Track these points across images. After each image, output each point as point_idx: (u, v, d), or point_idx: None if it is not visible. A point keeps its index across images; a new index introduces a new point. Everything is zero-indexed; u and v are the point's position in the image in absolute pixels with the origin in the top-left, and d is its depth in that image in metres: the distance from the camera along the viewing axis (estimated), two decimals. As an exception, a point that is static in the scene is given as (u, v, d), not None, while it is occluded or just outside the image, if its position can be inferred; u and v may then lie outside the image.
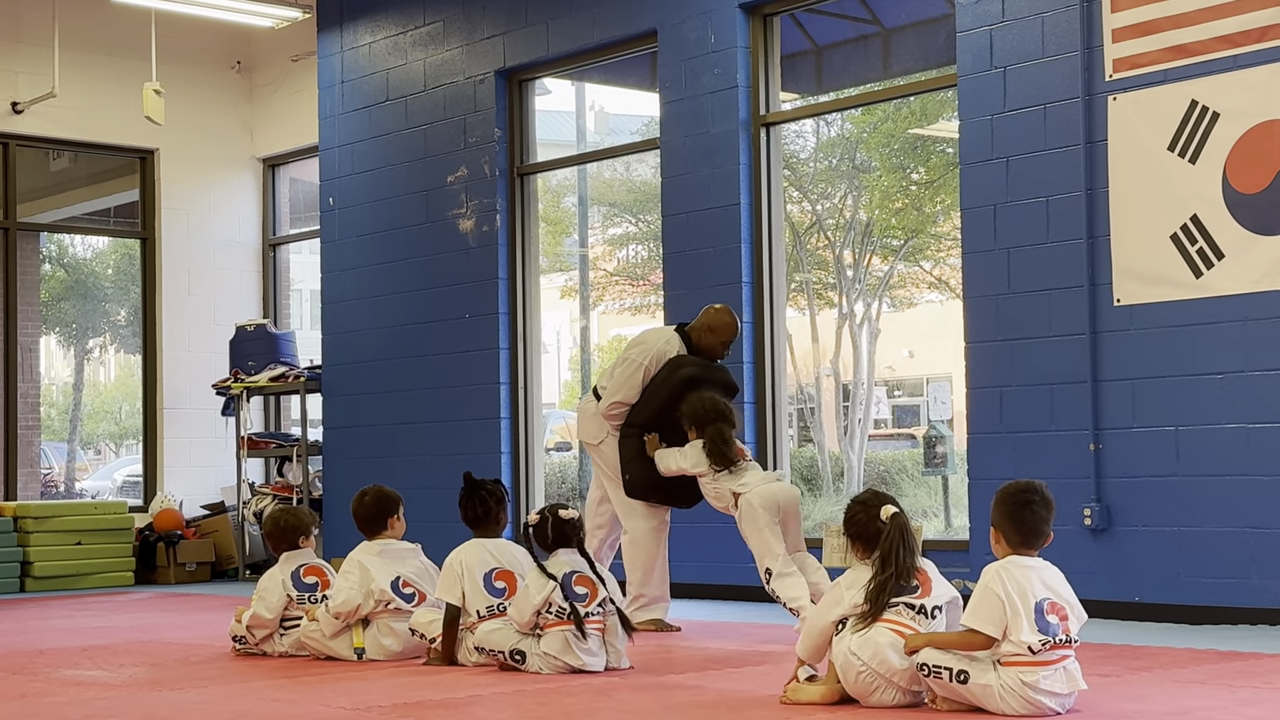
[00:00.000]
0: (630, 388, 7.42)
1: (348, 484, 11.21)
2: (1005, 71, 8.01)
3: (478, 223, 10.66)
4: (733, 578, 9.09)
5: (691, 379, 7.32)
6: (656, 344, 7.48)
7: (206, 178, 13.16)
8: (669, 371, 7.37)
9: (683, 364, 7.40)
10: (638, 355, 7.45)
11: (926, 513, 10.48)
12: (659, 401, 7.34)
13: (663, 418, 7.30)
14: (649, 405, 7.38)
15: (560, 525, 5.95)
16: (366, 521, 6.64)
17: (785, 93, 9.49)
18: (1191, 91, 7.33)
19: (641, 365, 7.42)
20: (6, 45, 12.16)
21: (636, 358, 7.45)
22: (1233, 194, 7.20)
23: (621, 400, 7.44)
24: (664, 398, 7.32)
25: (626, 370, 7.45)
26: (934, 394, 11.26)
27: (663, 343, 7.49)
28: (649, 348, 7.47)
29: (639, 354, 7.46)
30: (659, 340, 7.52)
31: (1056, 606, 4.63)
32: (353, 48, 11.61)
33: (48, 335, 15.08)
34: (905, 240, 11.03)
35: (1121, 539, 7.54)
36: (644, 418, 7.38)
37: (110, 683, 5.98)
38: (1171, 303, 7.39)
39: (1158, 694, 5.07)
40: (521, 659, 5.84)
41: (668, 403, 7.29)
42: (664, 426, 7.31)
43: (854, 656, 4.77)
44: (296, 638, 6.58)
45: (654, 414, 7.35)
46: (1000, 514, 4.76)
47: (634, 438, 7.39)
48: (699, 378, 7.34)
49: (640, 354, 7.45)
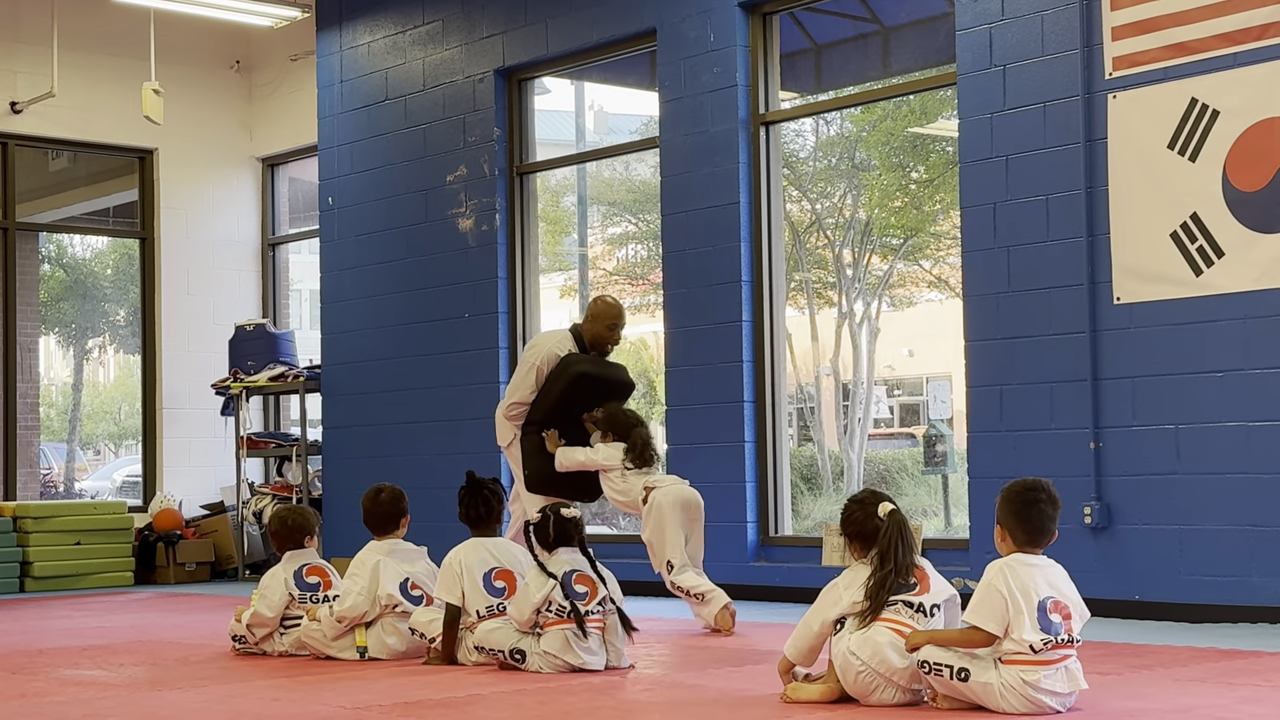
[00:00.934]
0: (525, 388, 7.78)
1: (347, 484, 11.22)
2: (1005, 70, 8.00)
3: (477, 222, 10.65)
4: (731, 577, 9.09)
5: (582, 374, 7.71)
6: (548, 345, 7.84)
7: (206, 177, 13.15)
8: (561, 369, 7.72)
9: (573, 362, 7.74)
10: (531, 357, 7.84)
11: (926, 512, 10.47)
12: (553, 399, 7.71)
13: (557, 414, 7.71)
14: (544, 403, 7.74)
15: (562, 524, 5.94)
16: (381, 520, 6.61)
17: (785, 91, 9.48)
18: (1191, 89, 7.33)
19: (534, 366, 7.77)
20: (5, 45, 12.16)
21: (530, 359, 7.83)
22: (1233, 192, 7.20)
23: (518, 401, 7.81)
24: (557, 395, 7.70)
25: (521, 372, 7.86)
26: (934, 393, 11.25)
27: (554, 343, 7.84)
28: (541, 349, 7.84)
29: (532, 356, 7.84)
30: (551, 341, 7.87)
31: (1060, 605, 4.62)
32: (352, 47, 11.60)
33: (47, 335, 15.07)
34: (905, 239, 11.02)
35: (1122, 537, 7.54)
36: (540, 415, 7.74)
37: (110, 682, 5.98)
38: (1171, 301, 7.39)
39: (1158, 692, 5.07)
40: (521, 658, 5.83)
41: (561, 399, 7.69)
42: (559, 422, 7.72)
43: (853, 656, 4.76)
44: (296, 637, 6.57)
45: (549, 410, 7.72)
46: (1006, 512, 4.74)
47: (533, 434, 7.77)
48: (589, 374, 7.73)
49: (533, 356, 7.83)
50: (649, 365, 12.33)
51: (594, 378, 7.74)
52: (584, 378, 7.69)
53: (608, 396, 7.74)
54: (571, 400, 7.67)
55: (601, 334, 7.83)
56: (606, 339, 7.84)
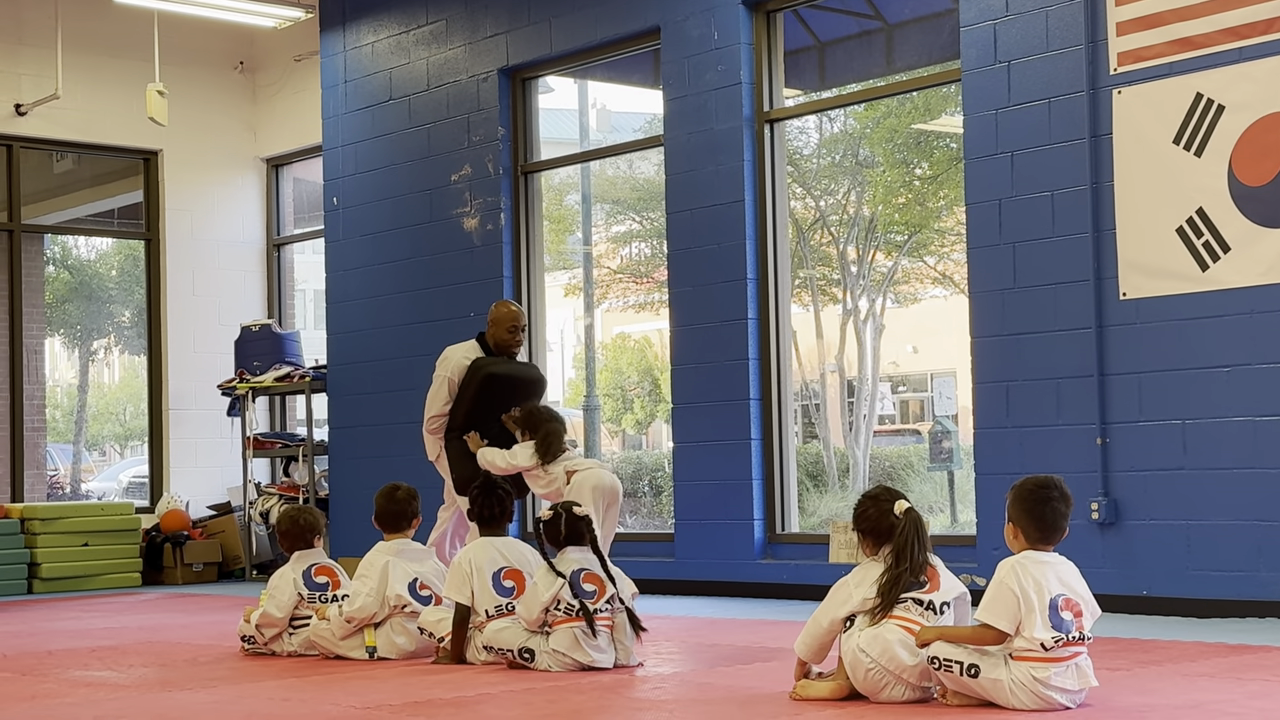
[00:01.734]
0: (439, 400, 8.08)
1: (354, 484, 11.23)
2: (1009, 66, 8.00)
3: (482, 221, 10.66)
4: (739, 574, 9.10)
5: (490, 375, 8.00)
6: (455, 356, 8.12)
7: (210, 178, 13.16)
8: (470, 374, 8.02)
9: (481, 365, 8.04)
10: (441, 371, 8.11)
11: (932, 508, 10.46)
12: (467, 403, 7.99)
13: (475, 416, 7.98)
14: (460, 408, 8.02)
15: (574, 522, 5.95)
16: (394, 517, 6.62)
17: (788, 89, 9.48)
18: (1196, 84, 7.32)
19: (445, 378, 8.07)
20: (9, 47, 12.17)
21: (441, 373, 8.10)
22: (1238, 187, 7.20)
23: (435, 414, 8.10)
24: (470, 398, 7.98)
25: (434, 387, 8.12)
26: (939, 389, 11.25)
27: (461, 355, 8.12)
28: (449, 362, 8.11)
29: (442, 370, 8.11)
30: (458, 353, 8.14)
31: (1071, 603, 4.61)
32: (355, 47, 11.61)
33: (52, 337, 15.08)
34: (909, 236, 11.01)
35: (1129, 533, 7.54)
36: (459, 420, 8.02)
37: (120, 683, 5.98)
38: (1177, 296, 7.38)
39: (1167, 688, 5.07)
40: (530, 657, 5.83)
41: (475, 402, 7.97)
42: (478, 424, 7.98)
43: (863, 654, 4.76)
44: (305, 637, 6.58)
45: (466, 414, 8.00)
46: (1019, 509, 4.73)
47: (456, 440, 8.03)
48: (498, 374, 8.03)
49: (443, 369, 8.11)
50: (654, 363, 12.33)
51: (503, 377, 8.05)
52: (493, 378, 8.00)
53: (520, 393, 8.05)
54: (485, 401, 7.97)
55: (503, 337, 8.13)
56: (509, 341, 8.13)
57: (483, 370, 8.02)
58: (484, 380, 7.99)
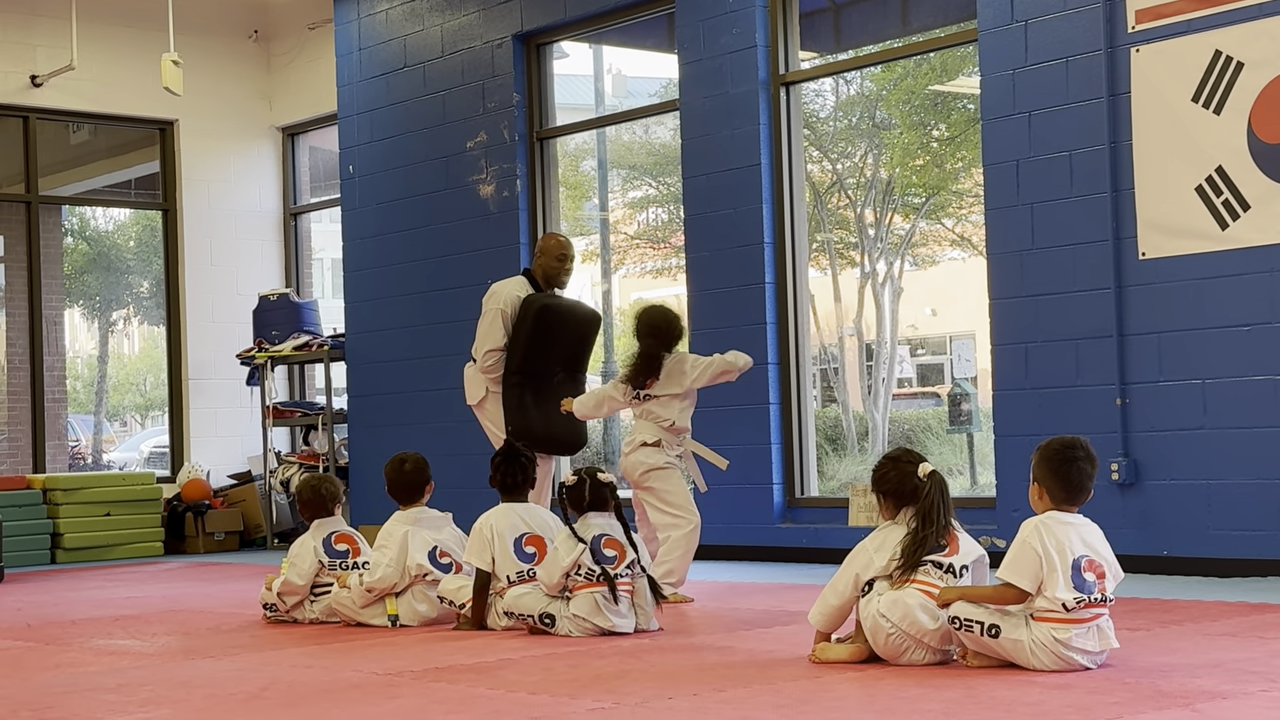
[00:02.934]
0: (495, 335, 7.83)
1: (373, 451, 11.25)
2: (1026, 25, 7.95)
3: (498, 188, 10.64)
4: (758, 539, 9.11)
5: (545, 307, 7.82)
6: (507, 289, 7.93)
7: (226, 148, 13.16)
8: (525, 309, 7.82)
9: (535, 299, 7.86)
10: (493, 305, 7.89)
11: (952, 471, 10.45)
12: (524, 337, 7.79)
13: (533, 353, 7.77)
14: (516, 346, 7.81)
15: (598, 488, 5.95)
16: (407, 489, 6.63)
17: (804, 51, 9.44)
18: (1215, 41, 7.27)
19: (498, 310, 7.84)
20: (24, 19, 12.17)
21: (492, 306, 7.88)
22: (1258, 144, 7.15)
23: (492, 348, 7.85)
24: (527, 334, 7.77)
25: (486, 320, 7.88)
26: (958, 351, 11.22)
27: (512, 287, 7.94)
28: (501, 295, 7.90)
29: (493, 303, 7.89)
30: (508, 287, 7.96)
31: (1094, 564, 4.61)
32: (370, 14, 11.58)
33: (71, 308, 15.13)
34: (927, 198, 10.96)
35: (1149, 493, 7.53)
36: (516, 359, 7.79)
37: (143, 652, 6.02)
38: (1197, 255, 7.35)
39: (1189, 647, 5.07)
40: (551, 622, 5.85)
41: (531, 338, 7.76)
42: (535, 362, 7.78)
43: (883, 619, 4.76)
44: (327, 604, 6.61)
45: (523, 351, 7.78)
46: (1045, 470, 4.71)
47: (515, 387, 7.80)
48: (552, 305, 7.87)
49: (495, 303, 7.89)
50: (672, 328, 12.29)
51: (558, 310, 7.91)
52: (547, 310, 7.83)
53: (575, 328, 7.91)
54: (541, 337, 7.78)
55: (551, 266, 7.97)
56: (558, 270, 7.97)
57: (537, 303, 7.80)
58: (539, 314, 7.78)
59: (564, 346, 7.90)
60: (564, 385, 7.87)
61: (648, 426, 7.14)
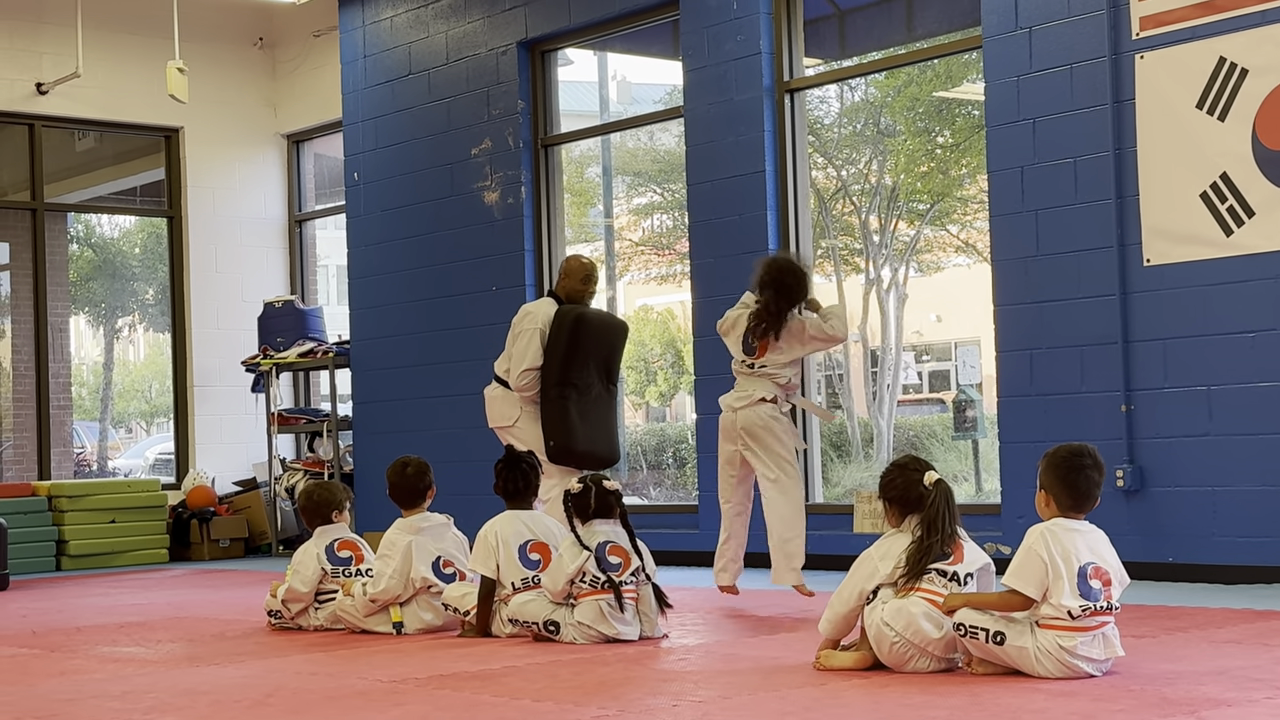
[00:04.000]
0: (532, 354, 7.86)
1: (378, 458, 11.25)
2: (1030, 32, 7.95)
3: (503, 195, 10.65)
4: (764, 545, 9.08)
5: (580, 317, 7.89)
6: (542, 310, 7.99)
7: (232, 155, 13.17)
8: (559, 323, 7.88)
9: (569, 310, 7.92)
10: (529, 324, 7.93)
11: (957, 477, 10.45)
12: (563, 348, 7.82)
13: (571, 363, 7.80)
14: (554, 358, 7.82)
15: (604, 495, 5.94)
16: (409, 494, 6.61)
17: (808, 58, 9.44)
18: (1220, 48, 7.27)
19: (537, 330, 7.89)
20: (30, 26, 12.19)
21: (529, 326, 7.93)
22: (1262, 151, 7.15)
23: (529, 367, 7.87)
24: (566, 343, 7.82)
25: (525, 339, 7.92)
26: (963, 358, 11.22)
27: (545, 307, 8.01)
28: (536, 315, 7.96)
29: (530, 323, 7.94)
30: (540, 307, 8.03)
31: (1100, 571, 4.60)
32: (374, 21, 11.59)
33: (77, 315, 15.13)
34: (931, 204, 10.97)
35: (1155, 500, 7.52)
36: (554, 371, 7.81)
37: (148, 659, 6.02)
38: (1202, 262, 7.34)
39: (1194, 654, 5.06)
40: (555, 629, 5.85)
41: (570, 346, 7.80)
42: (576, 372, 7.82)
43: (887, 627, 4.75)
44: (332, 611, 6.60)
45: (564, 362, 7.80)
46: (1052, 477, 4.71)
47: (558, 400, 7.81)
48: (588, 315, 7.96)
49: (531, 323, 7.94)
50: (677, 335, 12.32)
51: (594, 320, 8.01)
52: (584, 320, 7.91)
53: (608, 338, 8.00)
54: (579, 347, 7.85)
55: (576, 288, 8.05)
56: (582, 292, 8.06)
57: (572, 314, 7.89)
58: (575, 323, 7.85)
59: (600, 357, 7.96)
60: (601, 399, 7.94)
61: (764, 383, 7.21)
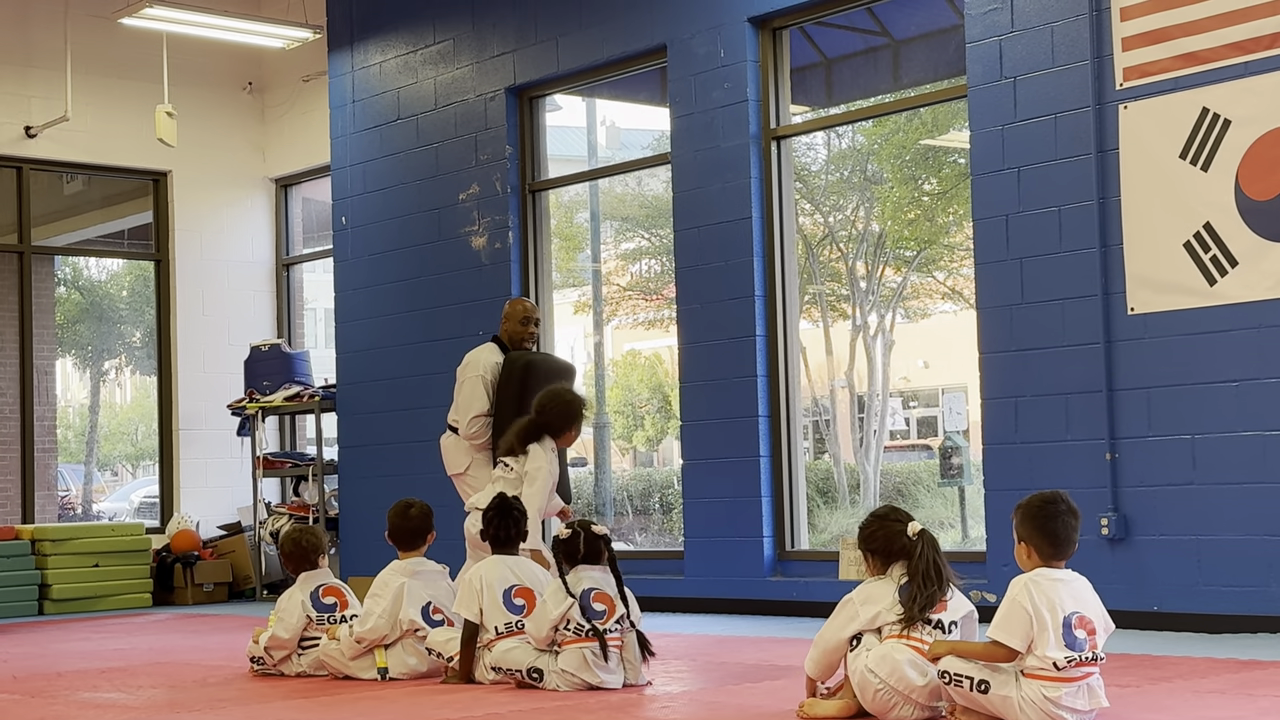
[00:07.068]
0: (478, 401, 7.94)
1: (364, 502, 11.23)
2: (1015, 81, 8.00)
3: (490, 240, 10.67)
4: (748, 592, 9.08)
5: (530, 363, 7.98)
6: (482, 357, 8.06)
7: (219, 199, 13.20)
8: (508, 371, 7.96)
9: (517, 358, 8.01)
10: (473, 372, 8.01)
11: (943, 524, 10.44)
12: (512, 393, 7.87)
13: (523, 406, 7.67)
14: (507, 404, 7.84)
15: (592, 541, 5.93)
16: (409, 535, 6.58)
17: (795, 106, 9.49)
18: (1202, 99, 7.32)
19: (479, 378, 7.98)
20: (19, 69, 12.22)
21: (471, 374, 8.01)
22: (1245, 201, 7.19)
23: (478, 414, 7.94)
24: (516, 388, 7.86)
25: (468, 388, 7.99)
26: (949, 404, 11.23)
27: (487, 354, 8.08)
28: (478, 362, 8.04)
29: (471, 370, 8.02)
30: (482, 354, 8.09)
31: (1085, 620, 4.58)
32: (363, 67, 11.64)
33: (63, 358, 15.12)
34: (918, 251, 11.00)
35: (1139, 548, 7.52)
36: (509, 416, 7.67)
37: (129, 705, 5.99)
38: (1185, 310, 7.37)
39: (1178, 704, 5.05)
40: (539, 677, 5.83)
41: (520, 392, 7.78)
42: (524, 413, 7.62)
43: (871, 674, 4.75)
44: (315, 657, 6.57)
45: (516, 411, 7.63)
46: (1029, 527, 4.68)
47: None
48: (536, 361, 8.06)
49: (473, 369, 8.02)
50: (664, 380, 12.33)
51: (542, 365, 8.07)
52: (533, 365, 7.98)
53: (557, 380, 7.90)
54: (530, 391, 7.72)
55: (516, 330, 8.14)
56: (522, 334, 8.15)
57: (521, 360, 7.97)
58: (524, 370, 7.91)
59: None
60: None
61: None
